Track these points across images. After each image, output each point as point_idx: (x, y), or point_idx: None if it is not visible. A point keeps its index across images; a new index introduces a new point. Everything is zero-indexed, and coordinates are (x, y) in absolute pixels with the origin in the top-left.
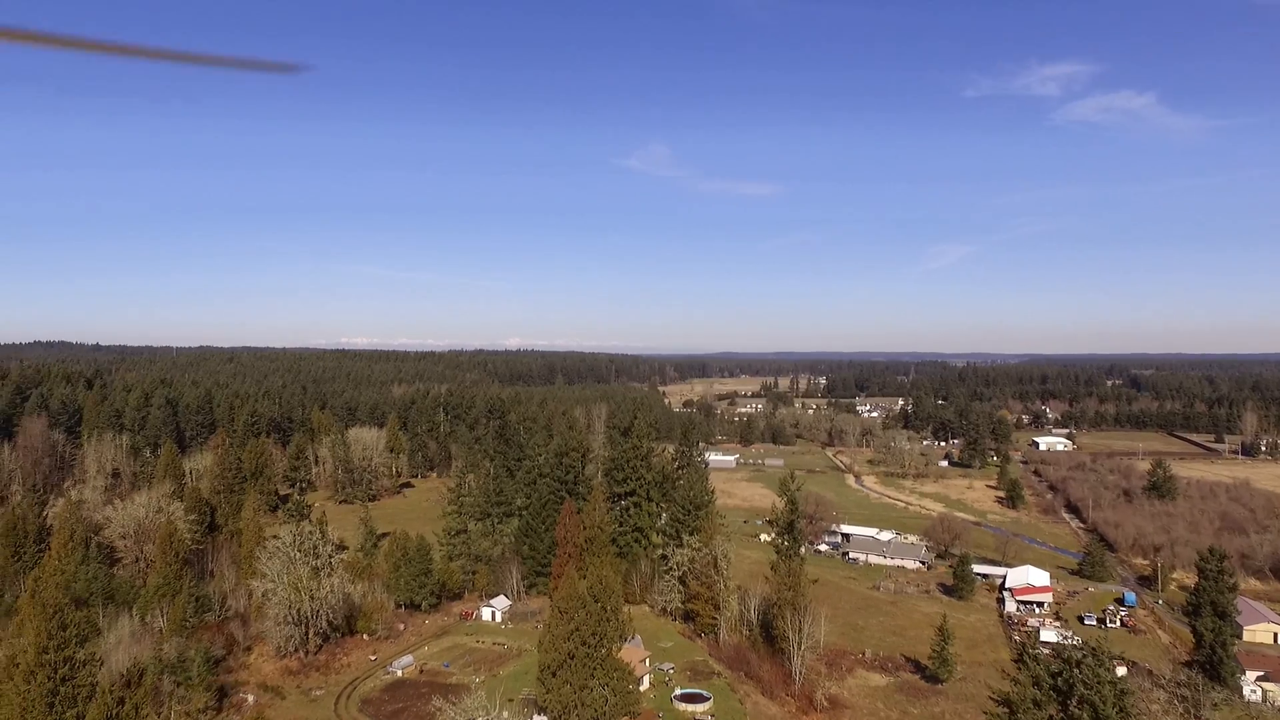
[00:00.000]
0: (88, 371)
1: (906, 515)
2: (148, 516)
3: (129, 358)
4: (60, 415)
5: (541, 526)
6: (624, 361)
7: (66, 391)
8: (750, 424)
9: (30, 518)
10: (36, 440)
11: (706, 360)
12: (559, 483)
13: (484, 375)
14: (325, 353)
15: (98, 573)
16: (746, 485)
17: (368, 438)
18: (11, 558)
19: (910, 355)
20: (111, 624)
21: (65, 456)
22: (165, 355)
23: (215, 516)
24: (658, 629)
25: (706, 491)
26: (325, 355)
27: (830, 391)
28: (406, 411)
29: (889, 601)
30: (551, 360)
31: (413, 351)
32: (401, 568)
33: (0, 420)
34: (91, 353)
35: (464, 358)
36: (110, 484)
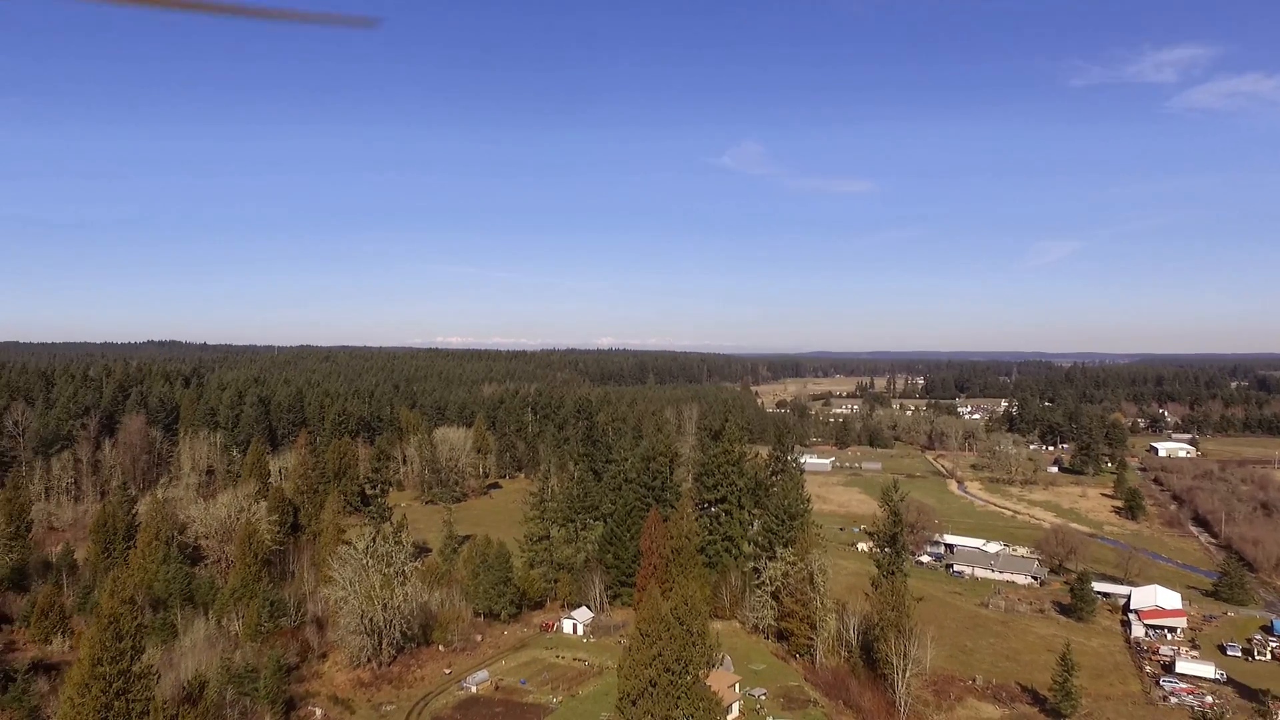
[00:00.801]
0: (186, 370)
1: (1014, 525)
2: (230, 516)
3: (231, 356)
4: (158, 413)
5: (626, 534)
6: (716, 361)
7: (165, 390)
8: (846, 426)
9: (120, 515)
10: (135, 437)
11: (800, 359)
12: (645, 489)
13: (575, 375)
14: (419, 351)
15: (177, 573)
16: (843, 490)
17: (454, 437)
18: (102, 554)
19: (1011, 355)
20: (188, 626)
21: (162, 454)
22: (266, 354)
23: (298, 517)
24: (749, 648)
25: (802, 500)
26: (418, 354)
27: (928, 392)
28: (495, 411)
29: (999, 621)
30: (643, 359)
31: (505, 350)
32: (480, 575)
33: (104, 418)
34: (198, 351)
35: (555, 357)
36: (204, 481)
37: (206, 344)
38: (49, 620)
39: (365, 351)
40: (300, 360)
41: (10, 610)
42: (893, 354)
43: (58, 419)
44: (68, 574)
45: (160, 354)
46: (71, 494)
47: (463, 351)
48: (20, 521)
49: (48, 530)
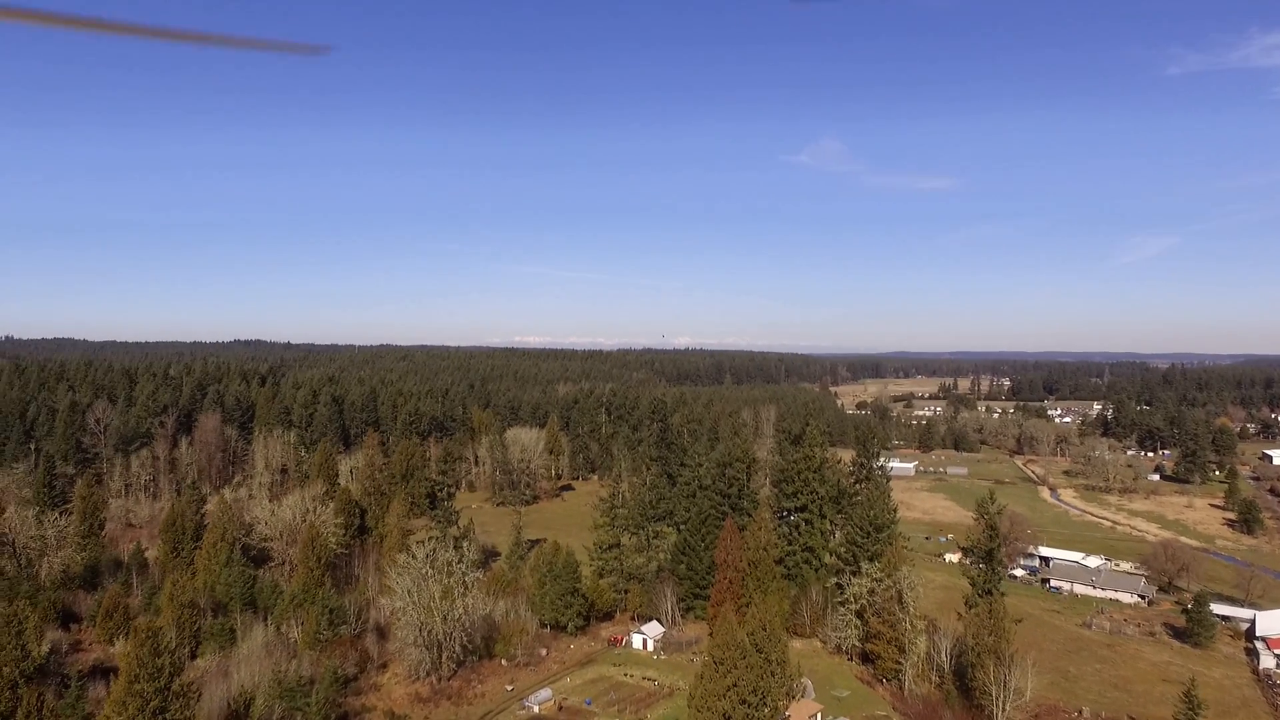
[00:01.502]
0: (263, 369)
1: (1114, 537)
2: (295, 518)
3: (312, 355)
4: (234, 411)
5: (701, 544)
6: (793, 361)
7: (241, 388)
8: (930, 428)
9: (189, 514)
10: (210, 436)
11: (880, 360)
12: (721, 496)
13: (651, 374)
14: (495, 351)
15: (239, 576)
16: (927, 496)
17: (526, 438)
18: (171, 554)
19: (1102, 355)
20: (247, 632)
21: (237, 452)
22: (347, 352)
23: (365, 519)
24: (831, 671)
25: (889, 510)
26: (495, 354)
27: (1015, 394)
28: (569, 411)
29: (1104, 644)
30: (720, 359)
31: (581, 350)
32: (547, 584)
33: (182, 416)
34: (281, 351)
35: (631, 356)
36: (277, 480)
37: (290, 343)
38: (113, 621)
39: (443, 351)
40: (378, 359)
41: (80, 609)
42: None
43: (137, 417)
44: (137, 573)
45: (245, 353)
46: (150, 491)
47: (539, 351)
48: (93, 520)
49: (125, 527)
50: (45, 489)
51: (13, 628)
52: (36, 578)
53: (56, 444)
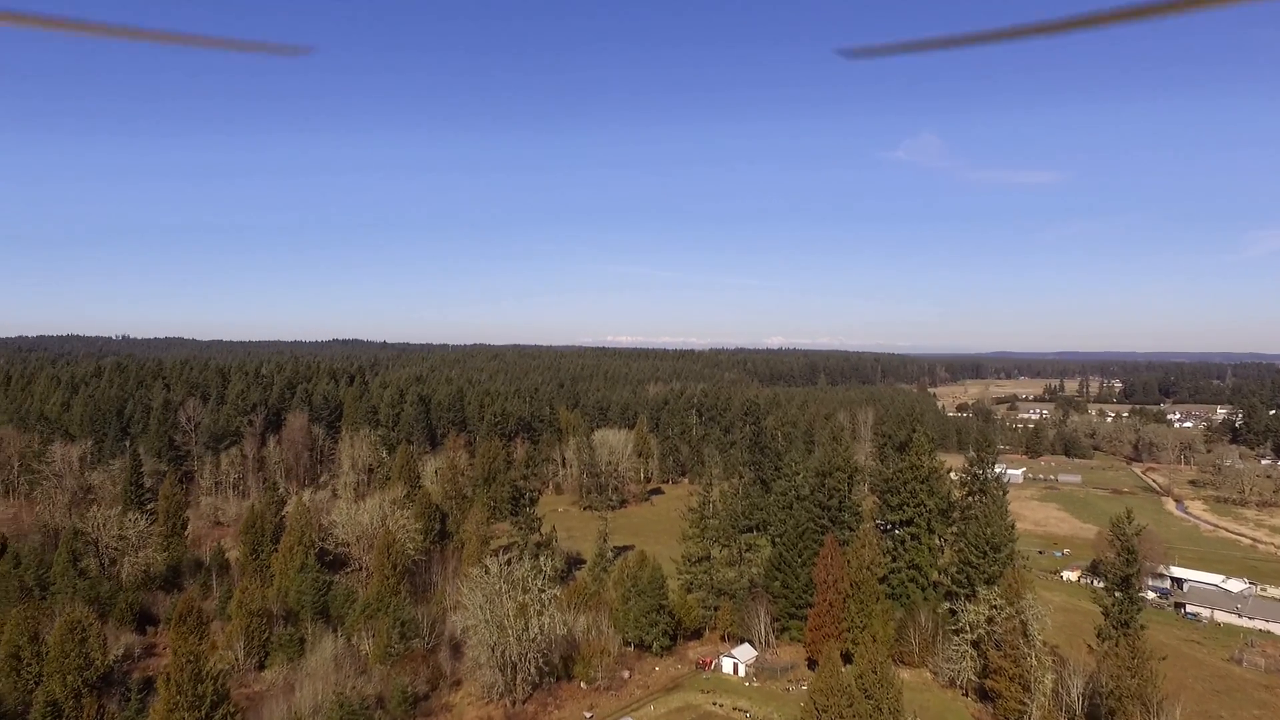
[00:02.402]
0: (352, 368)
1: (1256, 557)
2: (372, 522)
3: (405, 354)
4: (322, 410)
5: (798, 560)
6: (890, 361)
7: (330, 387)
8: (1038, 433)
9: (268, 516)
10: (298, 435)
11: (980, 360)
12: (820, 508)
13: (743, 375)
14: (586, 350)
15: (312, 582)
16: (1038, 505)
17: (614, 440)
18: (250, 555)
19: (1222, 355)
20: (317, 642)
21: (324, 451)
22: (440, 351)
23: (445, 524)
24: (943, 708)
25: (1007, 527)
26: (585, 353)
27: (1127, 396)
28: (658, 412)
29: (1261, 684)
30: (813, 359)
31: (671, 349)
32: (632, 599)
33: (272, 414)
34: (376, 350)
35: (723, 356)
36: (363, 480)
37: (386, 342)
38: (187, 625)
39: (534, 350)
40: (469, 359)
41: (158, 611)
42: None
43: (227, 415)
44: (217, 575)
45: (341, 352)
46: (238, 489)
47: (629, 350)
48: (176, 519)
49: (213, 525)
50: (132, 487)
51: (76, 635)
52: (117, 578)
53: (150, 441)
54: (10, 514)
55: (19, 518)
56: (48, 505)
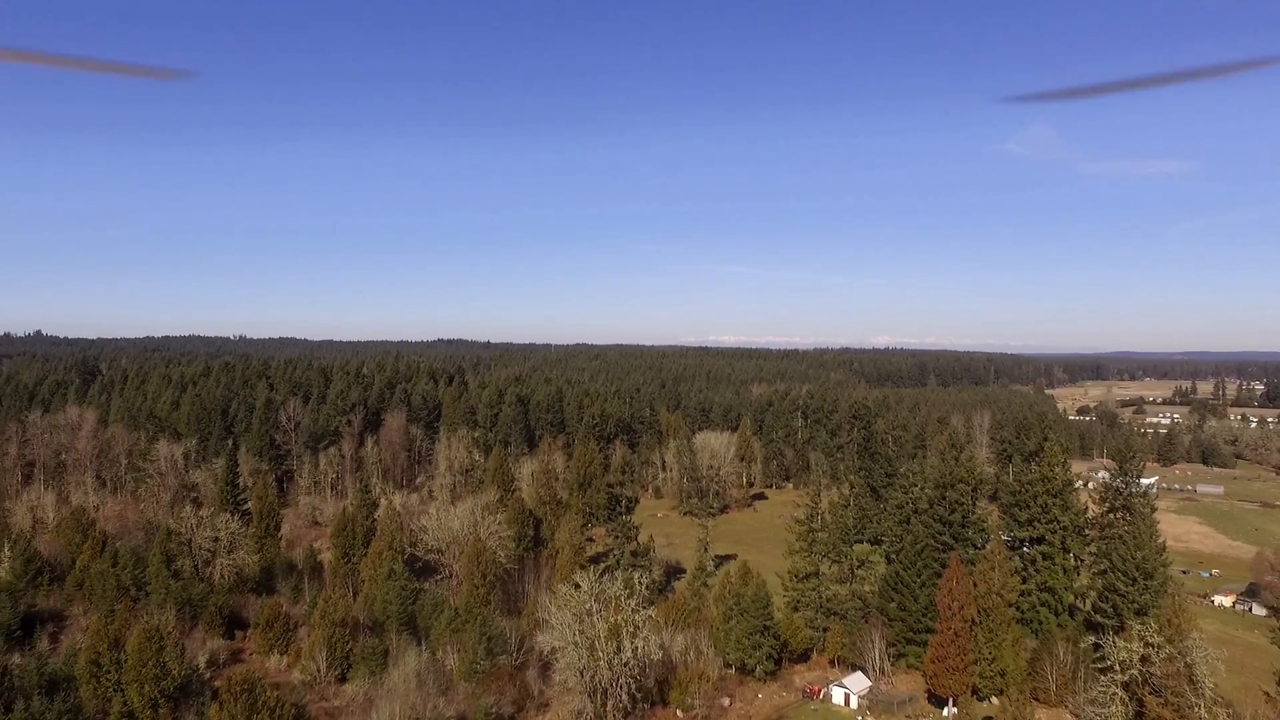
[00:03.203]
0: (452, 368)
1: None
2: (463, 528)
3: (508, 354)
4: (420, 410)
5: (916, 580)
6: (1003, 361)
7: (429, 387)
8: (1171, 439)
9: (359, 519)
10: (395, 435)
11: (1101, 360)
12: (941, 523)
13: (849, 375)
14: (688, 350)
15: (399, 591)
16: (1177, 519)
17: (716, 443)
18: (341, 559)
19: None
20: (400, 656)
21: (422, 452)
22: (543, 351)
23: (539, 530)
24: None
25: (1158, 549)
26: (688, 353)
27: (1271, 399)
28: (762, 414)
29: None
30: (922, 359)
31: (775, 349)
32: (734, 618)
33: (371, 414)
34: (480, 350)
35: (828, 356)
36: (459, 482)
37: (489, 342)
38: (273, 632)
39: (636, 350)
40: (571, 359)
41: (248, 614)
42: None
43: (327, 415)
44: (310, 578)
45: (445, 352)
46: (336, 489)
47: (732, 350)
48: (270, 520)
49: (310, 525)
50: (229, 487)
51: (153, 644)
52: (210, 580)
53: (252, 440)
54: (116, 511)
55: (124, 515)
56: (151, 503)
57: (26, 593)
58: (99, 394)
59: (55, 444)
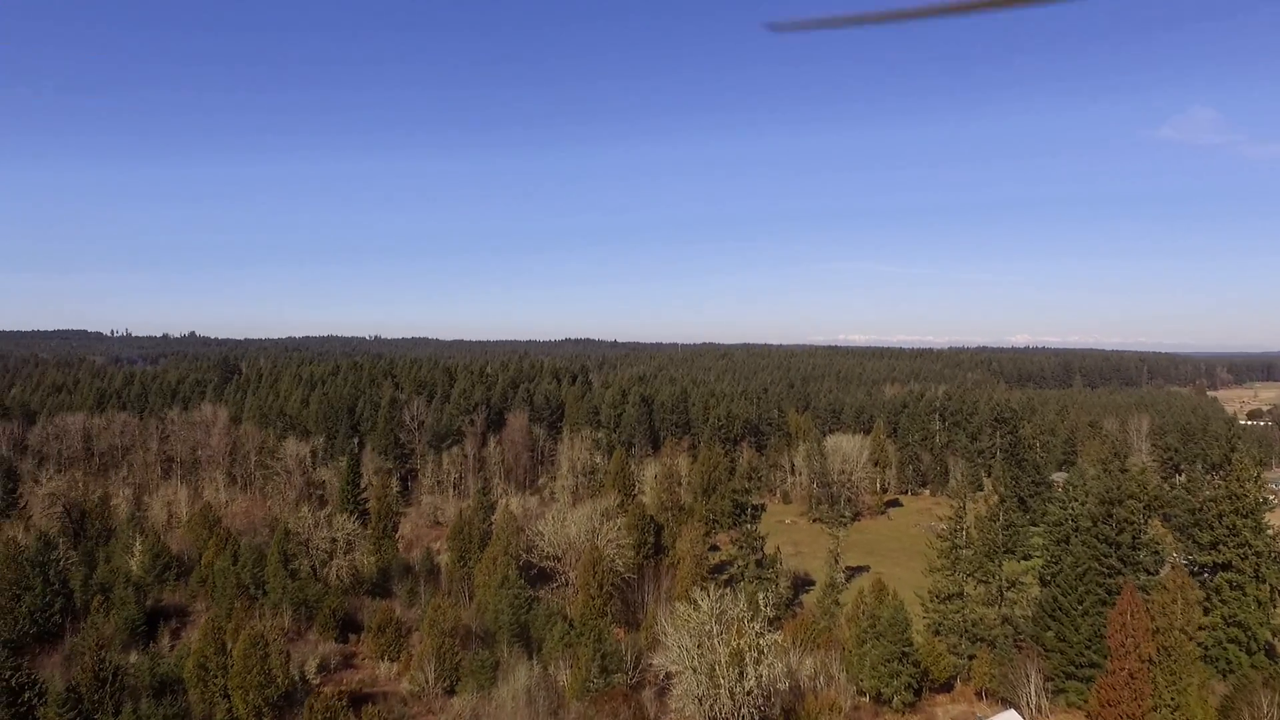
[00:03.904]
0: (575, 367)
1: None
2: (579, 535)
3: (634, 353)
4: (543, 410)
5: (1076, 607)
6: (1157, 361)
7: (552, 387)
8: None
9: (476, 522)
10: (518, 435)
11: (1272, 360)
12: (1106, 544)
13: (987, 375)
14: (817, 349)
15: (510, 601)
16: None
17: (848, 446)
18: (457, 563)
19: None
20: (510, 670)
21: (544, 453)
22: (669, 350)
23: (660, 537)
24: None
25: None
26: (816, 352)
27: None
28: (896, 416)
29: None
30: (1066, 359)
31: (908, 348)
32: (869, 642)
33: (494, 414)
34: (606, 349)
35: (964, 356)
36: (581, 484)
37: (616, 341)
38: (385, 637)
39: (764, 349)
40: (697, 358)
41: (363, 618)
42: None
43: (450, 414)
44: (425, 582)
45: (573, 351)
46: (458, 489)
47: (863, 349)
48: (387, 521)
49: (432, 525)
50: (350, 486)
51: (257, 649)
52: (326, 580)
53: (376, 439)
54: (243, 507)
55: (250, 512)
56: (277, 500)
57: (154, 587)
58: (234, 392)
59: (191, 440)
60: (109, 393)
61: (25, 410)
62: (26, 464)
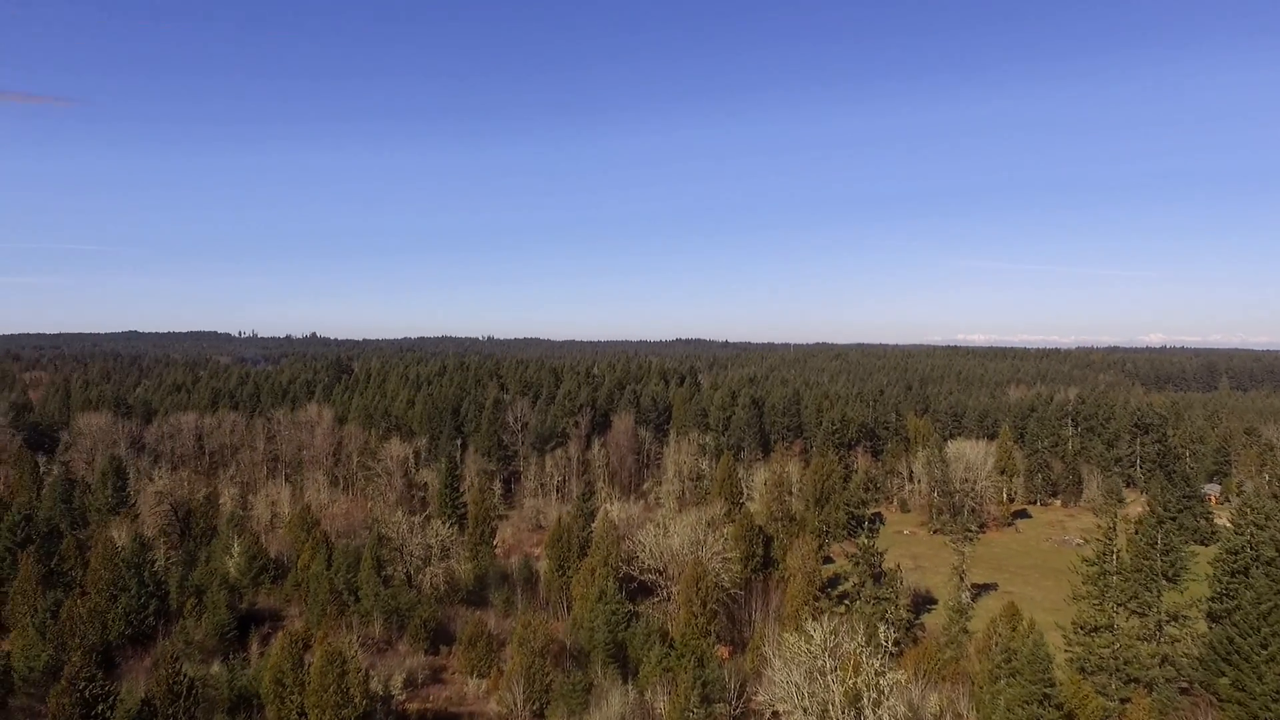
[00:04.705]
0: (683, 368)
1: None
2: (683, 548)
3: (745, 353)
4: (649, 412)
5: (1260, 651)
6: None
7: (659, 388)
8: None
9: (575, 530)
10: (623, 437)
11: None
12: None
13: (1121, 377)
14: (935, 350)
15: (608, 617)
16: None
17: (972, 453)
18: (555, 571)
19: None
20: (604, 695)
21: (650, 455)
22: (781, 351)
23: (770, 549)
24: None
25: None
26: (935, 353)
27: None
28: (1024, 421)
29: None
30: (1210, 359)
31: (1033, 348)
32: (1003, 679)
33: (599, 416)
34: (716, 349)
35: (1095, 356)
36: (688, 489)
37: (727, 341)
38: (476, 651)
39: (879, 349)
40: (810, 359)
41: (455, 628)
42: None
43: (555, 416)
44: (522, 591)
45: (683, 351)
46: (561, 492)
47: (984, 349)
48: (485, 526)
49: (534, 529)
50: (448, 490)
51: (334, 667)
52: (420, 588)
53: (480, 441)
54: (343, 509)
55: (350, 513)
56: (378, 502)
57: (249, 590)
58: (342, 392)
59: (296, 440)
60: (223, 392)
61: (146, 409)
62: (142, 461)
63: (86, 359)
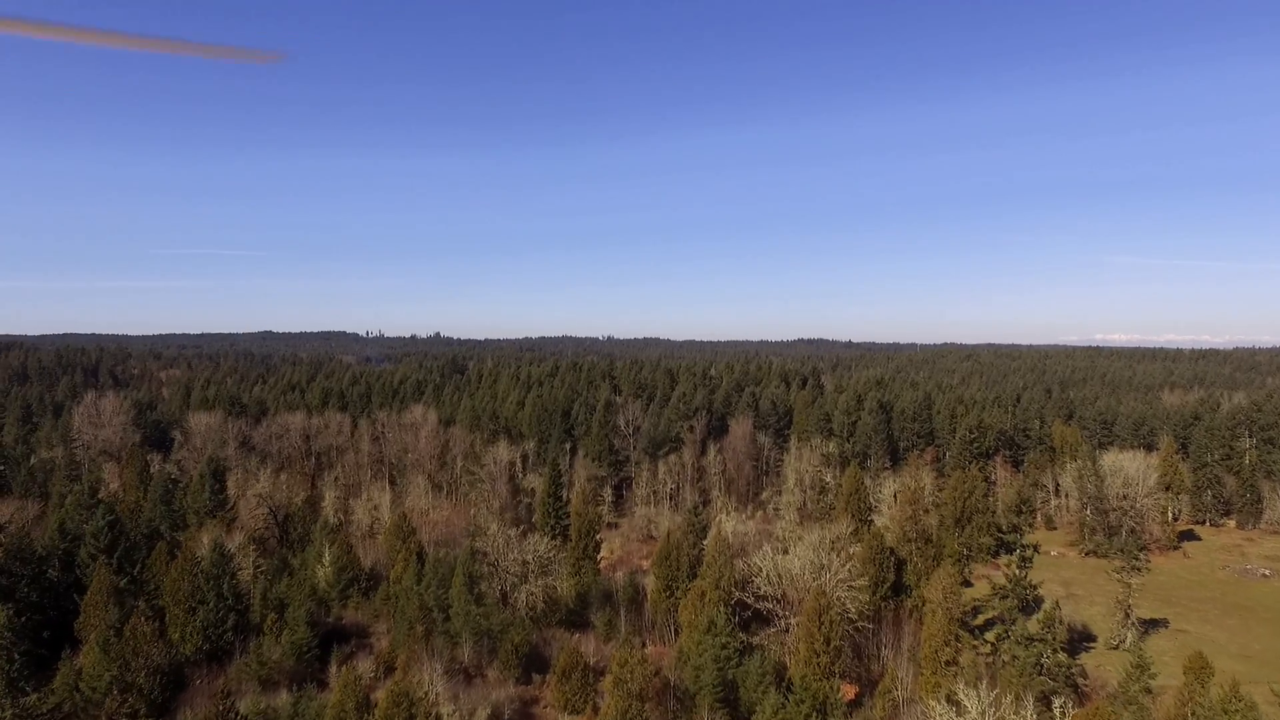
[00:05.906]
0: (805, 370)
1: None
2: (804, 572)
3: (870, 354)
4: (769, 416)
5: None
6: None
7: (779, 391)
8: None
9: (685, 546)
10: (740, 443)
11: None
12: None
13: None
14: (1075, 350)
15: (716, 653)
16: None
17: (1130, 465)
18: (663, 593)
19: None
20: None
21: (769, 462)
22: (907, 351)
23: (902, 574)
24: None
25: None
26: (1074, 353)
27: None
28: (1186, 429)
29: None
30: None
31: (1187, 349)
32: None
33: (715, 419)
34: (840, 350)
35: (1261, 357)
36: (809, 500)
37: (851, 342)
38: (570, 683)
39: (1012, 350)
40: (939, 359)
41: (550, 652)
42: None
43: (668, 419)
44: (626, 612)
45: (806, 352)
46: (673, 500)
47: (1129, 350)
48: (588, 540)
49: (644, 540)
50: (551, 499)
51: (402, 711)
52: (515, 606)
53: (590, 445)
54: (444, 516)
55: (451, 521)
56: (482, 509)
57: (336, 603)
58: (453, 393)
59: (400, 443)
60: (333, 392)
61: (260, 408)
62: (250, 462)
63: (219, 358)
